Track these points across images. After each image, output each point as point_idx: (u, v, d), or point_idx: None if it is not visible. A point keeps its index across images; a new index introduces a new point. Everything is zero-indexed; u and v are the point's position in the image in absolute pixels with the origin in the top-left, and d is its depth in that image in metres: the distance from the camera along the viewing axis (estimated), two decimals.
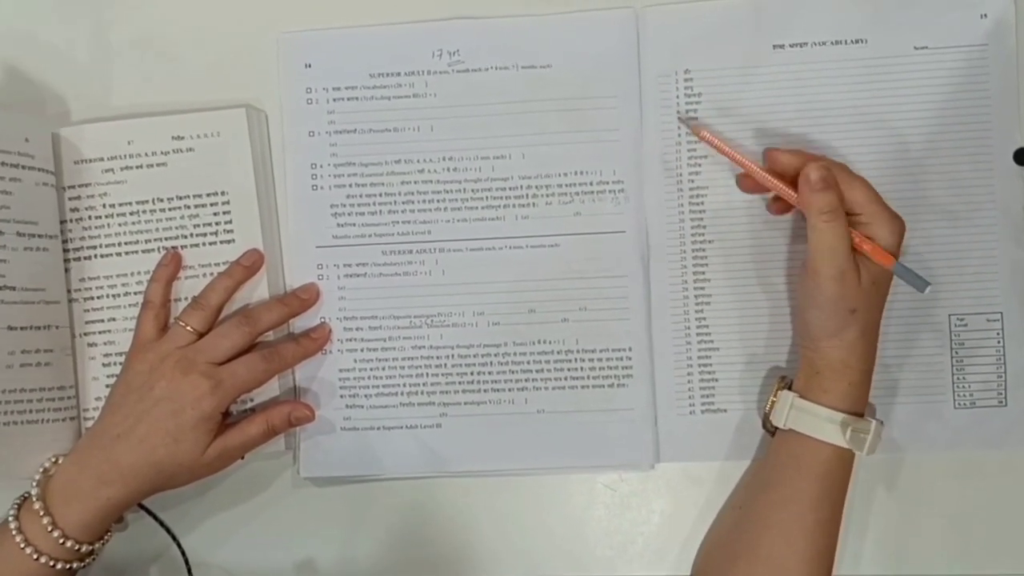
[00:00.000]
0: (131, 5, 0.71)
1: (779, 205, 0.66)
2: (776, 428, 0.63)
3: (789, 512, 0.61)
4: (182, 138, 0.69)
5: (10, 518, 0.62)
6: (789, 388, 0.63)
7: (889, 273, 0.61)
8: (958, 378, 0.67)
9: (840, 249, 0.59)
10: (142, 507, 0.67)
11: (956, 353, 0.67)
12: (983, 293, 0.67)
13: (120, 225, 0.69)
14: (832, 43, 0.67)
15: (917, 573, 0.67)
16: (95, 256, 0.69)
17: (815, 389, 0.61)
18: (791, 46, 0.68)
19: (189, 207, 0.69)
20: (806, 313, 0.62)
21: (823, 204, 0.59)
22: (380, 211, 0.69)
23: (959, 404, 0.67)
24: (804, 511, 0.61)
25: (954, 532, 0.67)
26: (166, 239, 0.69)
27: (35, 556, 0.61)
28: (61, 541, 0.61)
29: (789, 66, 0.67)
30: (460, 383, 0.69)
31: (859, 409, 0.61)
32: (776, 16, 0.67)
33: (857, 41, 0.67)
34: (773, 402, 0.64)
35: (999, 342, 0.67)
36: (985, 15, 0.67)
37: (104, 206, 0.69)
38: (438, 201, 0.69)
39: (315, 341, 0.68)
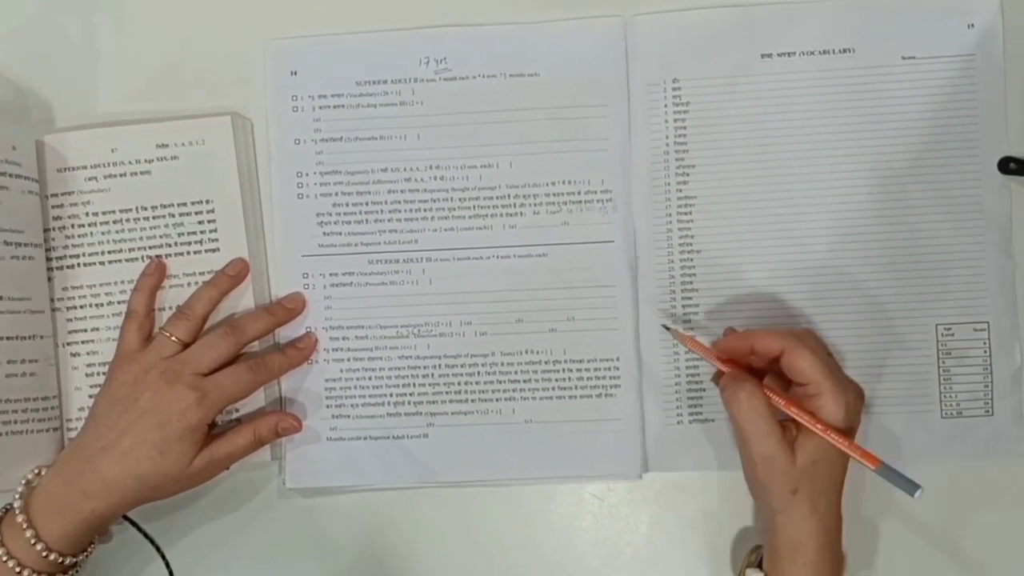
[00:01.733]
0: (117, 12, 0.71)
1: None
2: None
3: None
4: (166, 146, 0.68)
5: None
6: (759, 565, 0.63)
7: (834, 451, 0.59)
8: (945, 388, 0.67)
9: (757, 435, 0.59)
10: (127, 519, 0.67)
11: (943, 363, 0.67)
12: (970, 302, 0.67)
13: (103, 234, 0.68)
14: (820, 53, 0.67)
15: None
16: (78, 265, 0.68)
17: (776, 570, 0.60)
18: (779, 55, 0.67)
19: (173, 216, 0.68)
20: (751, 492, 0.62)
21: (728, 402, 0.61)
22: (366, 220, 0.69)
23: (946, 414, 0.67)
24: None
25: (941, 541, 0.67)
26: (150, 248, 0.68)
27: (17, 569, 0.60)
28: (44, 554, 0.60)
29: (777, 75, 0.67)
30: (447, 393, 0.68)
31: None
32: (764, 26, 0.67)
33: (845, 51, 0.67)
34: None
35: (986, 352, 0.67)
36: (972, 25, 0.67)
37: (87, 214, 0.68)
38: (425, 210, 0.68)
39: (301, 351, 0.68)
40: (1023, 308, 0.67)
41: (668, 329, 0.67)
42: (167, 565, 0.68)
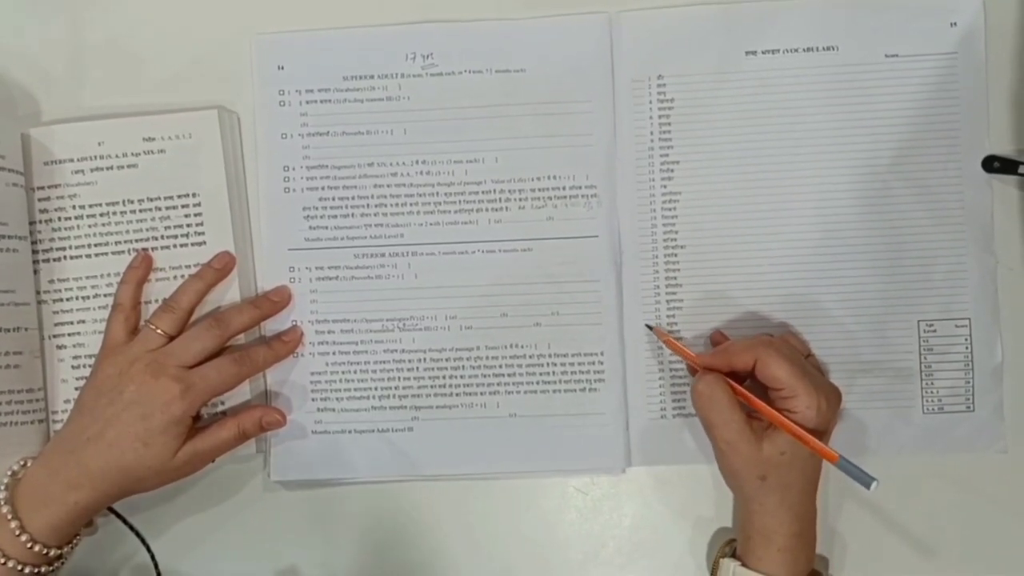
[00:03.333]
0: (104, 6, 0.71)
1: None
2: None
3: None
4: (153, 139, 0.68)
5: None
6: (734, 554, 0.64)
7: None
8: (926, 383, 0.68)
9: (720, 423, 0.60)
10: (112, 511, 0.67)
11: (924, 359, 0.68)
12: (952, 299, 0.67)
13: (90, 227, 0.68)
14: (804, 50, 0.68)
15: None
16: (64, 258, 0.68)
17: (751, 556, 0.62)
18: (763, 53, 0.68)
19: (160, 209, 0.68)
20: (725, 481, 0.63)
21: (691, 394, 0.62)
22: (352, 214, 0.69)
23: (927, 409, 0.68)
24: None
25: (923, 535, 0.68)
26: (136, 241, 0.68)
27: (2, 560, 0.60)
28: (29, 545, 0.61)
29: (761, 73, 0.68)
30: (432, 387, 0.68)
31: (799, 572, 0.61)
32: (749, 23, 0.68)
33: (828, 48, 0.68)
34: (716, 569, 0.64)
35: (967, 348, 0.68)
36: (955, 23, 0.67)
37: (74, 207, 0.68)
38: (411, 204, 0.69)
39: (287, 344, 0.68)
40: (1004, 305, 0.68)
41: (651, 328, 0.67)
42: (152, 557, 0.68)
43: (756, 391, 0.62)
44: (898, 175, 0.67)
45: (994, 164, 0.67)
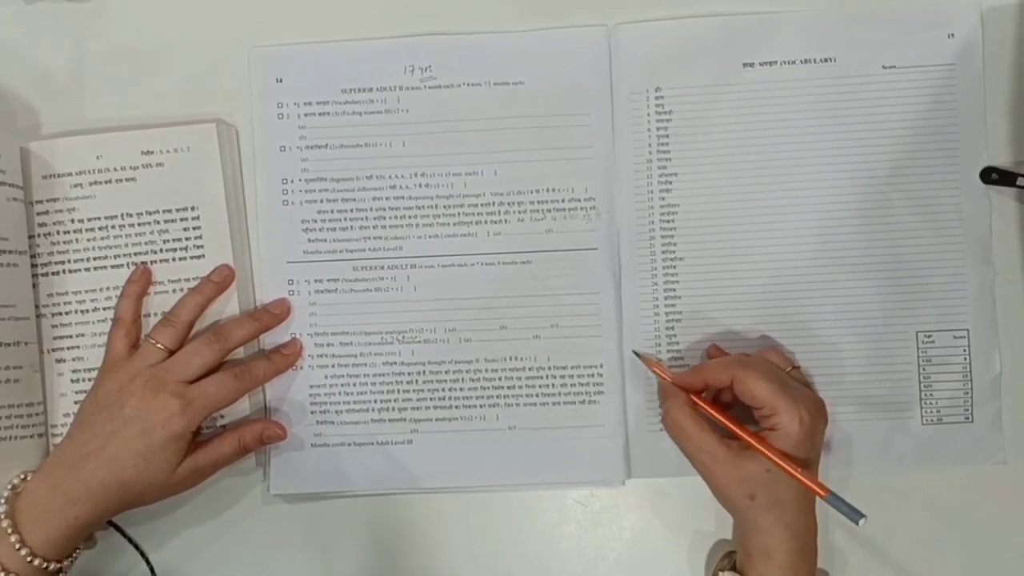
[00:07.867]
0: (103, 19, 0.71)
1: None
2: None
3: None
4: (152, 153, 0.68)
5: None
6: (733, 568, 0.64)
7: (790, 461, 0.60)
8: (925, 394, 0.68)
9: (692, 449, 0.61)
10: (111, 524, 0.67)
11: (923, 369, 0.68)
12: (950, 310, 0.68)
13: (89, 240, 0.68)
14: (801, 62, 0.68)
15: None
16: (64, 271, 0.68)
17: (751, 572, 0.61)
18: (761, 64, 0.68)
19: (159, 222, 0.68)
20: (719, 501, 0.63)
21: (664, 424, 0.64)
22: (351, 227, 0.69)
23: (926, 420, 0.68)
24: None
25: (921, 547, 0.68)
26: (136, 254, 0.68)
27: (2, 574, 0.60)
28: (29, 559, 0.60)
29: (759, 84, 0.68)
30: (431, 399, 0.69)
31: None
32: (746, 35, 0.68)
33: (826, 60, 0.68)
34: None
35: (966, 359, 0.68)
36: (952, 35, 0.68)
37: (73, 221, 0.68)
38: (410, 217, 0.69)
39: (286, 357, 0.68)
40: (1002, 316, 0.68)
41: (638, 355, 0.68)
42: (151, 570, 0.68)
43: (743, 412, 0.62)
44: (896, 187, 0.68)
45: (992, 176, 0.67)
